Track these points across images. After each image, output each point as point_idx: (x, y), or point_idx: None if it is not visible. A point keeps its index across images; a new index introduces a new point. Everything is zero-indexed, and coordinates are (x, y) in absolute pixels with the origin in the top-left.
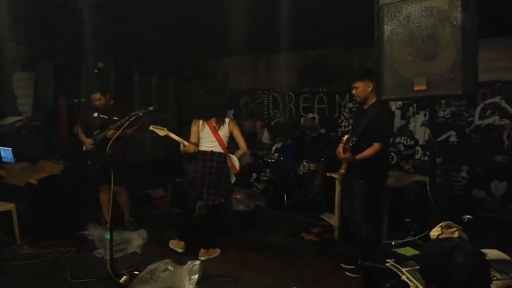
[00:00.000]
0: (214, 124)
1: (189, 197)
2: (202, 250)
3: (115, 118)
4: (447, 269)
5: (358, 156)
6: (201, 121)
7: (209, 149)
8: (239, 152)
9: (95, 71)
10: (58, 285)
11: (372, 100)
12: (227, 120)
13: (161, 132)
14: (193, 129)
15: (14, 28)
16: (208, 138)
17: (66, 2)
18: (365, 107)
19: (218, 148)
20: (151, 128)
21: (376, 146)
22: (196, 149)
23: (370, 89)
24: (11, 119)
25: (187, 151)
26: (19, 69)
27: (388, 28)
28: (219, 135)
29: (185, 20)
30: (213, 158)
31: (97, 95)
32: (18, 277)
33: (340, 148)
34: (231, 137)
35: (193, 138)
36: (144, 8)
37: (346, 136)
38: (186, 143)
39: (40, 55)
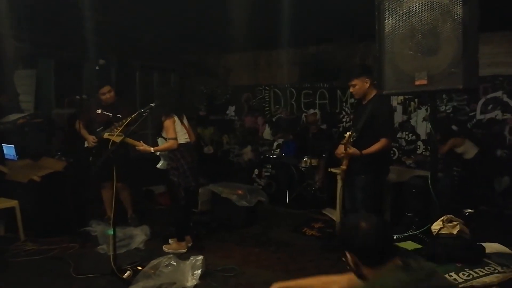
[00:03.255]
0: (180, 117)
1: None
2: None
3: (119, 115)
4: (357, 236)
5: (365, 151)
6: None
7: (185, 141)
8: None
9: (96, 67)
10: (61, 281)
11: (371, 95)
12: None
13: (117, 138)
14: (172, 125)
15: (15, 26)
16: (182, 131)
17: None
18: (364, 102)
19: (188, 138)
20: (105, 136)
21: (382, 141)
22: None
23: (367, 85)
24: (13, 116)
25: (169, 147)
26: (21, 66)
27: (389, 23)
28: (185, 126)
29: (186, 16)
30: (190, 148)
31: (106, 88)
32: (22, 273)
33: (341, 147)
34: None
35: (174, 134)
36: (145, 4)
37: (348, 133)
38: (144, 145)
39: (41, 52)
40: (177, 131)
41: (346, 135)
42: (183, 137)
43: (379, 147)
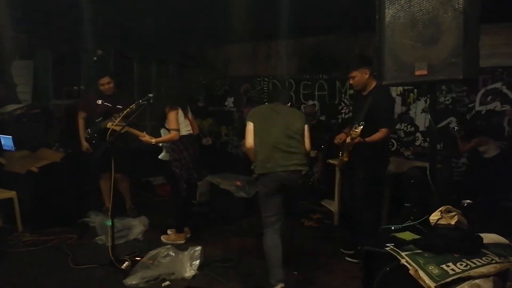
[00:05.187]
0: (184, 110)
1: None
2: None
3: (119, 106)
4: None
5: (368, 139)
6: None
7: (188, 133)
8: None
9: (94, 58)
10: (60, 271)
11: (371, 86)
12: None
13: (118, 128)
14: (175, 117)
15: (13, 16)
16: (185, 123)
17: None
18: (364, 93)
19: (191, 130)
20: (108, 126)
21: (383, 131)
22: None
23: (367, 76)
24: (10, 107)
25: (171, 139)
26: (18, 57)
27: (389, 12)
28: (189, 118)
29: (185, 6)
30: (193, 140)
31: (106, 79)
32: (20, 264)
33: (342, 135)
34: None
35: (176, 125)
36: None
37: (359, 128)
38: (147, 136)
39: (39, 43)
40: (180, 123)
41: (357, 130)
42: (186, 128)
43: (381, 136)
